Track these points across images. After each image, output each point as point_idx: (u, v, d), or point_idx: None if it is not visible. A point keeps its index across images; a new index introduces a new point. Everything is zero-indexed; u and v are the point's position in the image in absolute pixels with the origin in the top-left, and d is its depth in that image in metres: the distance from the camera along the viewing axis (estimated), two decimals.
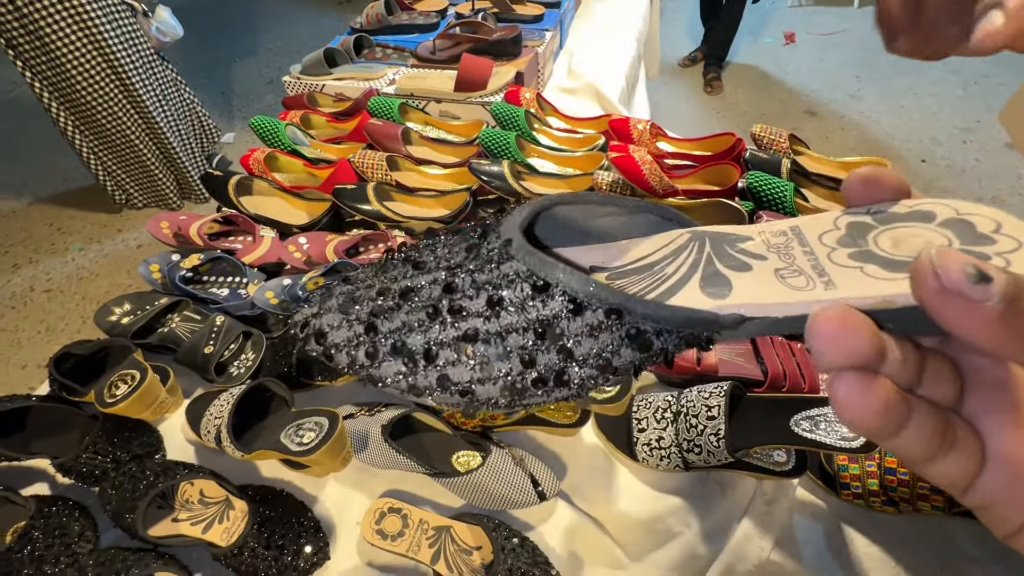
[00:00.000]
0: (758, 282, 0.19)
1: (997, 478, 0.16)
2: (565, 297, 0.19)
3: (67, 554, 0.55)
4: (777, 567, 0.56)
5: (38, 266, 1.96)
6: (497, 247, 0.21)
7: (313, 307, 0.24)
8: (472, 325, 0.21)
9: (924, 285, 0.14)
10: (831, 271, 0.18)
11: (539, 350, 0.20)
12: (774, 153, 0.87)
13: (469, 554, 0.54)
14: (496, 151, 0.93)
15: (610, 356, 0.19)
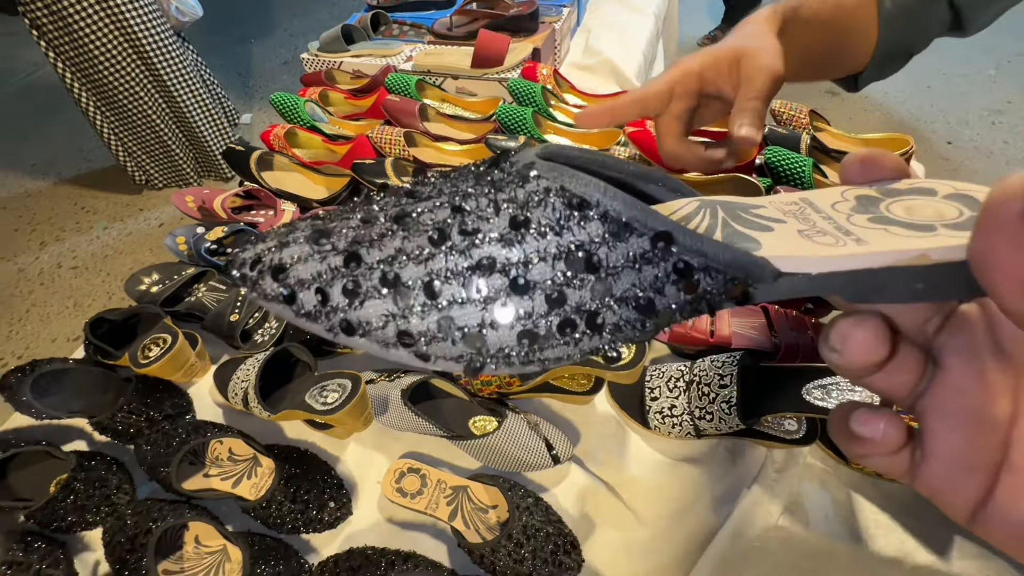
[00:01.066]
0: (785, 240, 0.17)
1: (937, 472, 0.17)
2: (606, 219, 0.16)
3: (107, 504, 0.59)
4: (785, 532, 0.57)
5: (64, 244, 2.02)
6: (517, 169, 0.18)
7: (269, 241, 0.19)
8: (488, 252, 0.17)
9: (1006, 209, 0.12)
10: (857, 231, 0.17)
11: (570, 284, 0.16)
12: (793, 129, 0.86)
13: (485, 512, 0.56)
14: (513, 127, 0.93)
15: (653, 295, 0.17)
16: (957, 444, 0.16)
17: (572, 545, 0.53)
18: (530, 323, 0.17)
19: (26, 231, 2.09)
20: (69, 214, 2.14)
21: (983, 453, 0.16)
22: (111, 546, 0.54)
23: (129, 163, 2.01)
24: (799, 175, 0.76)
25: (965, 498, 0.16)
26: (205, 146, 1.97)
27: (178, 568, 0.54)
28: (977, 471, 0.16)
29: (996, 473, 0.16)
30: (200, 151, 2.00)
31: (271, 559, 0.53)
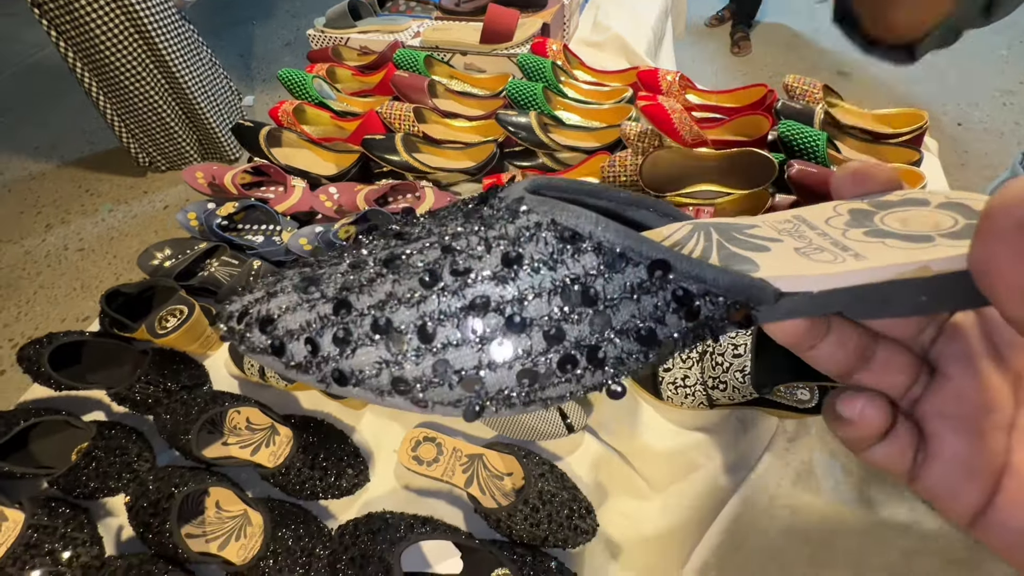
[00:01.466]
0: (783, 259, 0.16)
1: (939, 475, 0.17)
2: (600, 251, 0.16)
3: (128, 471, 0.60)
4: (795, 499, 0.58)
5: (70, 226, 2.02)
6: (506, 204, 0.17)
7: (257, 292, 0.19)
8: (482, 291, 0.16)
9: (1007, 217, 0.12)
10: (854, 246, 0.16)
11: (568, 320, 0.16)
12: (807, 104, 0.85)
13: (500, 479, 0.57)
14: (523, 102, 0.92)
15: (654, 325, 0.16)
16: (958, 448, 0.16)
17: (587, 510, 0.54)
18: (529, 362, 0.16)
19: (31, 213, 2.09)
20: (74, 197, 2.13)
21: (985, 458, 0.16)
22: (134, 511, 0.55)
23: (132, 145, 2.00)
24: (813, 149, 0.76)
25: (965, 503, 0.16)
26: (208, 127, 1.96)
27: (200, 532, 0.55)
28: (979, 476, 0.16)
29: (998, 479, 0.16)
30: (203, 132, 1.99)
31: (291, 523, 0.54)
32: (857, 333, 0.17)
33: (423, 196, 0.84)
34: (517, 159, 0.92)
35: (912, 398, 0.18)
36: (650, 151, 0.80)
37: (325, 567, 0.52)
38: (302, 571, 0.51)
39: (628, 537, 0.58)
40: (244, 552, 0.53)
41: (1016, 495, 0.16)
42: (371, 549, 0.50)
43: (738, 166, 0.78)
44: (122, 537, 0.58)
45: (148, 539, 0.54)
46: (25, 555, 0.53)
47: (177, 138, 1.97)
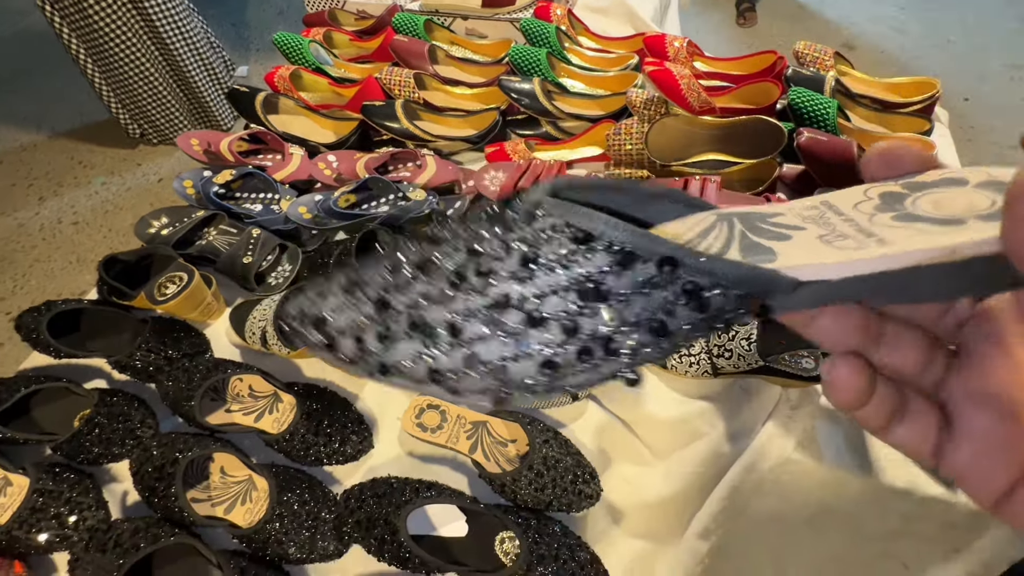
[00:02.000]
0: (804, 248, 0.17)
1: (965, 453, 0.17)
2: (611, 249, 0.17)
3: (131, 437, 0.60)
4: (798, 465, 0.58)
5: (63, 199, 1.99)
6: (525, 208, 0.19)
7: (308, 294, 0.22)
8: (503, 290, 0.18)
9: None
10: (880, 232, 0.16)
11: (583, 314, 0.17)
12: (817, 71, 0.83)
13: (504, 446, 0.57)
14: (526, 68, 0.90)
15: (664, 317, 0.17)
16: (986, 426, 0.16)
17: (591, 475, 0.54)
18: (550, 352, 0.17)
19: (23, 185, 2.05)
20: (67, 169, 2.10)
21: (1013, 438, 0.16)
22: (139, 475, 0.56)
23: (123, 116, 1.96)
24: (823, 117, 0.74)
25: (992, 483, 0.16)
26: (201, 96, 1.91)
27: (206, 496, 0.55)
28: (1009, 455, 0.16)
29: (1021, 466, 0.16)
30: (196, 102, 1.95)
31: (296, 488, 0.54)
32: (860, 310, 0.17)
33: (424, 165, 0.82)
34: (520, 127, 0.90)
35: (935, 379, 0.18)
36: (656, 119, 0.78)
37: (331, 530, 0.52)
38: (308, 534, 0.52)
39: (631, 502, 0.58)
40: (250, 515, 0.53)
41: None
42: (377, 512, 0.51)
43: (746, 134, 0.77)
44: (127, 502, 0.58)
45: (154, 503, 0.54)
46: (31, 519, 0.53)
47: (169, 109, 1.92)
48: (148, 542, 0.50)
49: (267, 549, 0.51)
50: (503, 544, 0.51)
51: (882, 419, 0.17)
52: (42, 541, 0.53)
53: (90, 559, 0.50)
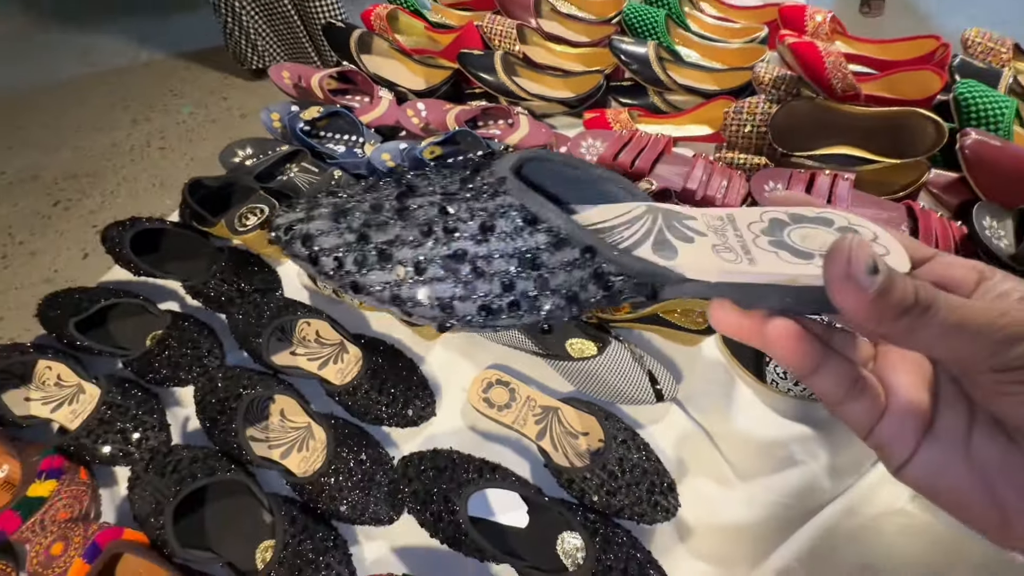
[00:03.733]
0: (698, 253, 0.22)
1: (891, 424, 0.20)
2: (550, 233, 0.21)
3: (198, 364, 0.59)
4: (909, 519, 0.50)
5: (153, 124, 2.07)
6: (491, 182, 0.23)
7: (299, 212, 0.24)
8: (463, 246, 0.22)
9: (835, 263, 0.17)
10: (754, 252, 0.21)
11: (519, 277, 0.22)
12: (990, 64, 0.71)
13: (575, 438, 0.52)
14: (641, 30, 0.82)
15: (577, 290, 0.22)
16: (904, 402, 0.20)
17: (670, 488, 0.49)
18: (488, 300, 0.22)
19: (120, 107, 2.15)
20: (158, 95, 2.18)
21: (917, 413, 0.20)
22: (202, 405, 0.55)
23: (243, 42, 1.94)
24: (996, 118, 0.63)
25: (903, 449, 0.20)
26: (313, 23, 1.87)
27: (263, 437, 0.54)
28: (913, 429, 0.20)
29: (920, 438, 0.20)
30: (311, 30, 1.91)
31: (353, 445, 0.52)
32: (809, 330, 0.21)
33: (516, 124, 0.76)
34: (623, 95, 0.82)
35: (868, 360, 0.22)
36: (787, 100, 0.69)
37: (385, 495, 0.50)
38: (361, 494, 0.49)
39: (704, 523, 0.53)
40: (305, 465, 0.51)
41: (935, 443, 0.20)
42: (435, 486, 0.47)
43: (893, 129, 0.66)
44: (188, 428, 0.58)
45: (214, 435, 0.54)
46: (99, 429, 0.54)
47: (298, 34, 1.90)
48: (205, 473, 0.49)
49: (319, 503, 0.49)
50: (564, 544, 0.47)
51: (838, 394, 0.20)
52: (106, 453, 0.53)
53: (148, 480, 0.50)
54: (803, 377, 0.21)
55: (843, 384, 0.20)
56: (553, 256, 0.21)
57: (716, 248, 0.22)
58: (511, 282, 0.22)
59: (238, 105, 2.08)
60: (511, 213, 0.22)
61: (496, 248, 0.22)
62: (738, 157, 0.71)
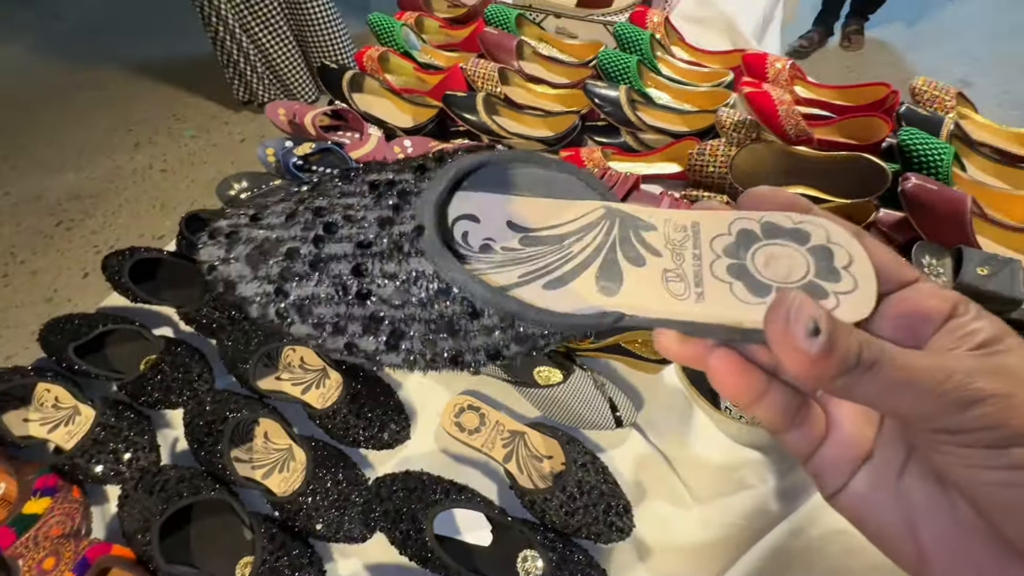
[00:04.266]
0: (645, 283, 0.21)
1: (829, 453, 0.21)
2: (466, 302, 0.21)
3: (189, 388, 0.62)
4: (851, 540, 0.54)
5: (156, 147, 2.13)
6: (409, 233, 0.22)
7: (219, 248, 0.24)
8: (379, 309, 0.22)
9: (774, 323, 0.17)
10: (706, 283, 0.20)
11: (439, 338, 0.22)
12: (935, 111, 0.76)
13: (540, 461, 0.56)
14: (614, 74, 0.87)
15: (500, 349, 0.22)
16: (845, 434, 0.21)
17: (625, 509, 0.52)
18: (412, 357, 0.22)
19: (123, 130, 2.22)
20: (162, 119, 2.24)
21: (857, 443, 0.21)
22: (190, 427, 0.58)
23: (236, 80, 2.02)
24: (935, 163, 0.68)
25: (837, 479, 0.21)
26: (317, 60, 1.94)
27: (247, 458, 0.57)
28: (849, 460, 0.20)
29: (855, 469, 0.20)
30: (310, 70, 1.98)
31: (331, 466, 0.55)
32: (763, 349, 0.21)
33: None
34: (598, 134, 0.88)
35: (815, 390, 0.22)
36: (746, 143, 0.74)
37: (359, 514, 0.53)
38: (337, 513, 0.53)
39: (661, 543, 0.56)
40: (285, 485, 0.55)
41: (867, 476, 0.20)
42: (405, 506, 0.51)
43: (843, 172, 0.71)
44: (177, 449, 0.61)
45: (200, 456, 0.57)
46: (92, 449, 0.57)
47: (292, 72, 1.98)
48: (190, 492, 0.52)
49: (297, 521, 0.53)
50: (526, 562, 0.50)
51: (778, 423, 0.21)
52: (99, 472, 0.57)
53: (137, 498, 0.53)
54: (744, 407, 0.21)
55: (783, 414, 0.21)
56: (471, 324, 0.21)
57: (667, 276, 0.21)
58: (432, 340, 0.22)
59: (239, 130, 2.15)
60: (423, 281, 0.21)
61: (411, 313, 0.22)
62: (702, 195, 0.76)
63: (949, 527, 0.19)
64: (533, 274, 0.22)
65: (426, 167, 0.24)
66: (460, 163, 0.23)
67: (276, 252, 0.23)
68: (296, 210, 0.24)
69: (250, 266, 0.23)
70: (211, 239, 0.25)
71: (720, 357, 0.20)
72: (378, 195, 0.23)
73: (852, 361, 0.16)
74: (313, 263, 0.23)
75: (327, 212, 0.24)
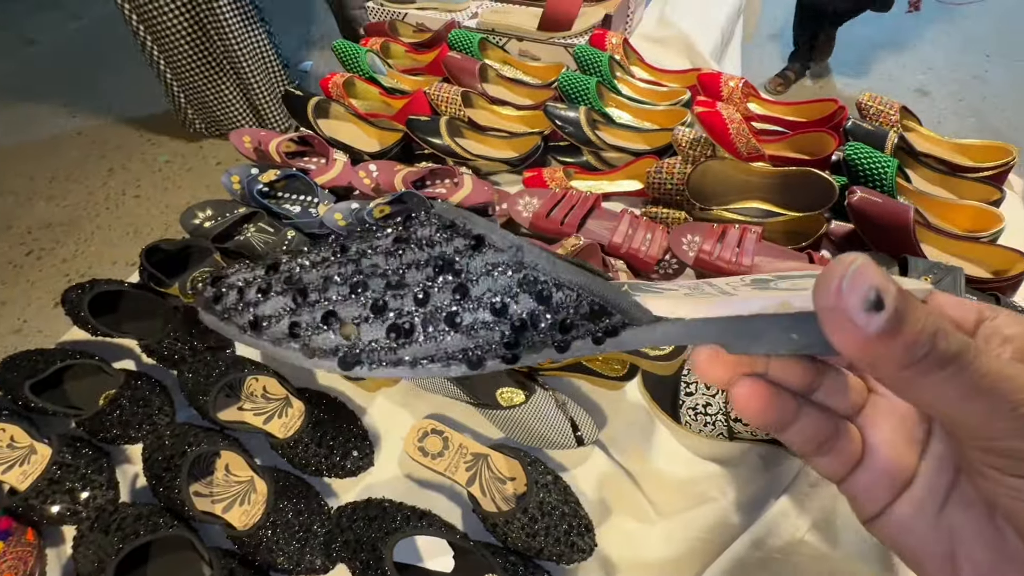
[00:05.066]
0: (668, 300, 0.19)
1: (865, 478, 0.20)
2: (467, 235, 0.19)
3: (148, 422, 0.62)
4: (811, 548, 0.54)
5: (130, 172, 2.12)
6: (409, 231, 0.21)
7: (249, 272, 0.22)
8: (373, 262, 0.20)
9: (824, 289, 0.14)
10: (734, 292, 0.19)
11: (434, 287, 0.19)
12: (880, 126, 0.79)
13: (503, 483, 0.56)
14: (574, 96, 0.89)
15: (507, 300, 0.18)
16: (886, 459, 0.20)
17: (587, 528, 0.52)
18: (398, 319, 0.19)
19: (96, 156, 2.20)
20: (136, 145, 2.23)
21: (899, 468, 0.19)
22: (149, 462, 0.58)
23: (189, 111, 2.04)
24: (880, 176, 0.70)
25: (875, 504, 0.20)
26: (257, 99, 1.97)
27: (208, 492, 0.56)
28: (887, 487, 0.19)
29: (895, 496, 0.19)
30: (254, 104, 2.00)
31: (293, 497, 0.55)
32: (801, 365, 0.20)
33: (461, 183, 0.82)
34: (561, 154, 0.89)
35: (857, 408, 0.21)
36: (701, 160, 0.76)
37: (320, 545, 0.53)
38: (298, 545, 0.52)
39: (625, 559, 0.56)
40: (246, 518, 0.54)
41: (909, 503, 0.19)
42: (365, 535, 0.50)
43: (794, 186, 0.73)
44: (136, 485, 0.60)
45: (159, 492, 0.56)
46: (48, 489, 0.56)
47: (230, 107, 1.99)
48: (148, 530, 0.51)
49: (257, 555, 0.52)
50: None
51: (807, 450, 0.20)
52: (54, 513, 0.56)
53: (93, 538, 0.52)
54: (772, 433, 0.19)
55: (813, 441, 0.19)
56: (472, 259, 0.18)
57: (688, 294, 0.19)
58: (425, 294, 0.19)
59: (213, 154, 2.14)
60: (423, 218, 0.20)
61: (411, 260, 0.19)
62: (661, 212, 0.78)
63: (992, 559, 0.17)
64: None
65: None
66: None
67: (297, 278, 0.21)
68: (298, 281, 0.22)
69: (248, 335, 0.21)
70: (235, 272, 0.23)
71: (744, 384, 0.18)
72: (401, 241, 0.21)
73: (922, 350, 0.13)
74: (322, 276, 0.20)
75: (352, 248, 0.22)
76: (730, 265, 0.65)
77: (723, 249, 0.67)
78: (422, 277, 0.19)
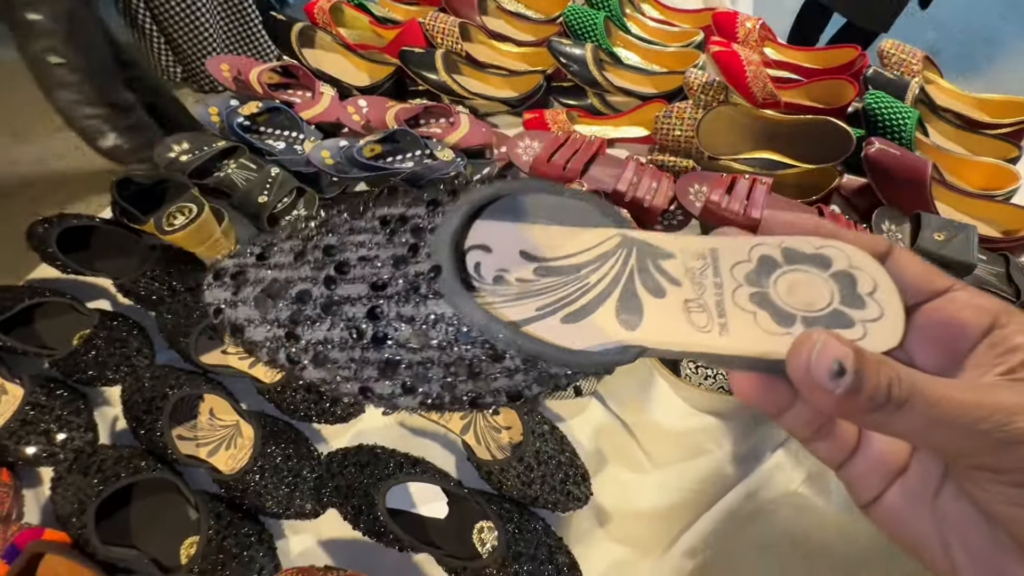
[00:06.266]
0: (667, 313, 0.20)
1: (860, 465, 0.21)
2: (487, 345, 0.20)
3: (127, 364, 0.59)
4: (802, 500, 0.55)
5: None
6: (425, 274, 0.21)
7: (225, 290, 0.23)
8: (396, 354, 0.21)
9: (796, 362, 0.17)
10: (729, 314, 0.20)
11: (458, 381, 0.21)
12: (902, 75, 0.75)
13: (498, 432, 0.55)
14: (580, 32, 0.83)
15: (521, 390, 0.21)
16: (883, 447, 0.20)
17: (583, 477, 0.52)
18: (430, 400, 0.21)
19: None
20: None
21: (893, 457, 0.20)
22: (128, 404, 0.55)
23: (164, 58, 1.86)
24: (899, 128, 0.67)
25: (866, 491, 0.21)
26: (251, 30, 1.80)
27: (192, 435, 0.54)
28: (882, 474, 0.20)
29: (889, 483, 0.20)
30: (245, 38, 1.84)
31: (281, 442, 0.53)
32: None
33: (457, 123, 0.77)
34: (564, 96, 0.84)
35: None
36: (713, 105, 0.72)
37: (310, 490, 0.51)
38: (287, 490, 0.51)
39: (620, 508, 0.56)
40: (232, 462, 0.53)
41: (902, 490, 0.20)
42: (357, 481, 0.49)
43: (809, 136, 0.70)
44: (116, 427, 0.58)
45: (140, 435, 0.54)
46: (21, 431, 0.53)
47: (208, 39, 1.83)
48: (129, 473, 0.50)
49: (245, 499, 0.51)
50: (481, 533, 0.49)
51: (804, 434, 0.21)
52: (29, 454, 0.53)
53: (72, 480, 0.50)
54: (770, 418, 0.21)
55: (809, 426, 0.20)
56: (492, 366, 0.20)
57: (688, 306, 0.20)
58: (451, 384, 0.21)
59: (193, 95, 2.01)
60: (442, 324, 0.20)
61: (429, 356, 0.20)
62: (668, 160, 0.74)
63: (984, 546, 0.18)
64: (551, 307, 0.21)
65: (439, 201, 0.23)
66: (473, 197, 0.23)
67: (285, 294, 0.22)
68: (305, 248, 0.23)
69: (259, 309, 0.22)
70: (216, 280, 0.24)
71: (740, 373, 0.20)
72: (390, 232, 0.22)
73: (881, 399, 0.16)
74: (325, 306, 0.22)
75: (337, 251, 0.22)
76: (738, 217, 0.63)
77: (731, 200, 0.64)
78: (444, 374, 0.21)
